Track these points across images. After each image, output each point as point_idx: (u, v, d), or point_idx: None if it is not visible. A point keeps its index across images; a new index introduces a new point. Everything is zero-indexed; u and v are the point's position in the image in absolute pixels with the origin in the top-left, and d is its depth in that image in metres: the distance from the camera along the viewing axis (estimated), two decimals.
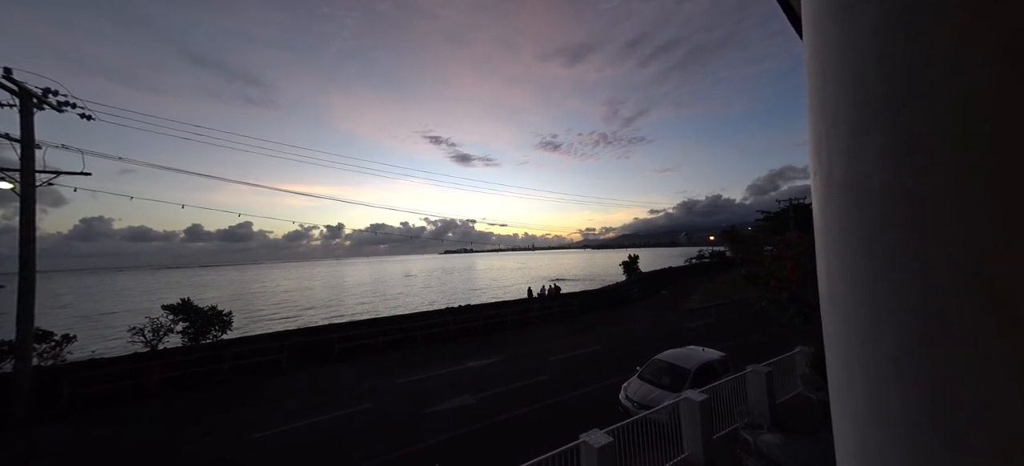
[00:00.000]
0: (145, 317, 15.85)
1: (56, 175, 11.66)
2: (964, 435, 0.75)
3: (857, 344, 0.92)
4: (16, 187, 10.78)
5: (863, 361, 0.90)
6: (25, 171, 10.79)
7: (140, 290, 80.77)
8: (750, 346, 14.25)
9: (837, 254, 0.96)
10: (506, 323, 21.40)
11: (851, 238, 0.92)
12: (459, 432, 8.61)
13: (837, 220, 0.95)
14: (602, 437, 4.99)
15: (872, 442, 0.87)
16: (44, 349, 13.29)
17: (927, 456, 0.79)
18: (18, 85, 10.46)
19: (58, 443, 9.36)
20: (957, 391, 0.76)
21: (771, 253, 8.56)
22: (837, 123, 0.93)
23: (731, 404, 7.05)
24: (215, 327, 16.81)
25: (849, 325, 0.93)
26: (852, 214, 0.91)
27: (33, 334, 11.26)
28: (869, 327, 0.89)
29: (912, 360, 0.82)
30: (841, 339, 0.97)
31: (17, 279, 10.88)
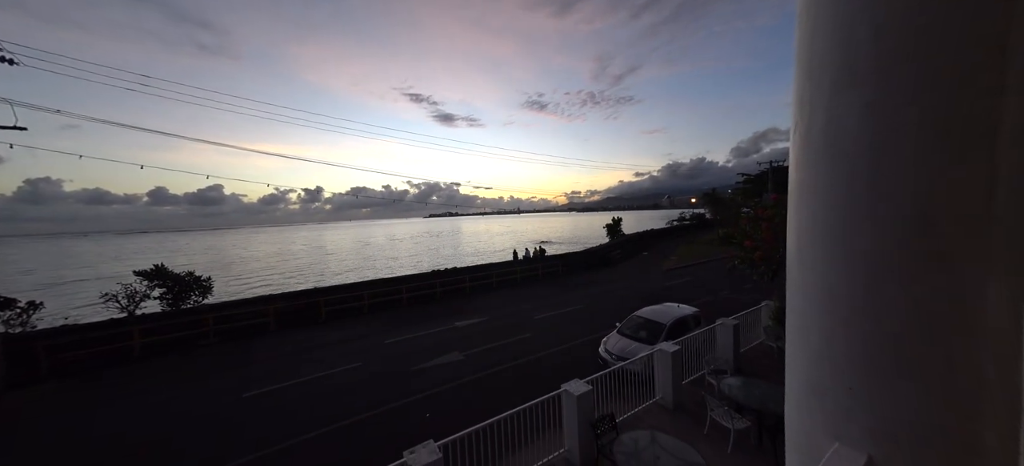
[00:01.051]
0: (117, 283, 15.31)
1: None
2: (901, 369, 0.84)
3: (816, 293, 0.98)
4: None
5: (819, 308, 0.98)
6: None
7: (108, 256, 77.24)
8: (722, 302, 15.19)
9: (807, 208, 1.00)
10: (491, 285, 21.87)
11: (822, 192, 0.95)
12: (448, 386, 9.04)
13: (811, 175, 0.98)
14: (582, 385, 5.36)
15: (819, 381, 0.97)
16: (9, 316, 12.80)
17: (866, 391, 0.89)
18: None
19: (44, 401, 9.34)
20: (899, 329, 0.84)
21: (748, 214, 8.89)
22: (821, 77, 0.93)
23: (701, 353, 7.63)
24: (195, 292, 16.47)
25: (811, 275, 1.00)
26: (826, 168, 0.94)
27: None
28: (828, 276, 0.95)
29: (862, 305, 0.89)
30: (802, 289, 1.03)
31: None
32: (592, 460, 5.10)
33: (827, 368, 0.96)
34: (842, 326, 0.93)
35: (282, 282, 37.42)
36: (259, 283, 36.68)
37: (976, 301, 0.79)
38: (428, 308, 17.75)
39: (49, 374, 11.14)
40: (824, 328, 0.97)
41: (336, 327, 15.18)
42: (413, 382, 9.37)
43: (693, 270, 25.03)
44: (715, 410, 5.50)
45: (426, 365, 10.45)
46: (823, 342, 0.97)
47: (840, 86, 0.88)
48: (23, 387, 10.48)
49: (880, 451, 0.88)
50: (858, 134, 0.86)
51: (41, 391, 10.29)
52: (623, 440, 4.53)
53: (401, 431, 7.21)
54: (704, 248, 34.57)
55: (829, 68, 0.90)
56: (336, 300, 17.07)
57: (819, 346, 0.98)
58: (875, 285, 0.86)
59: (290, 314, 15.87)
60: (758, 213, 7.57)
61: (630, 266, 28.61)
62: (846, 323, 0.92)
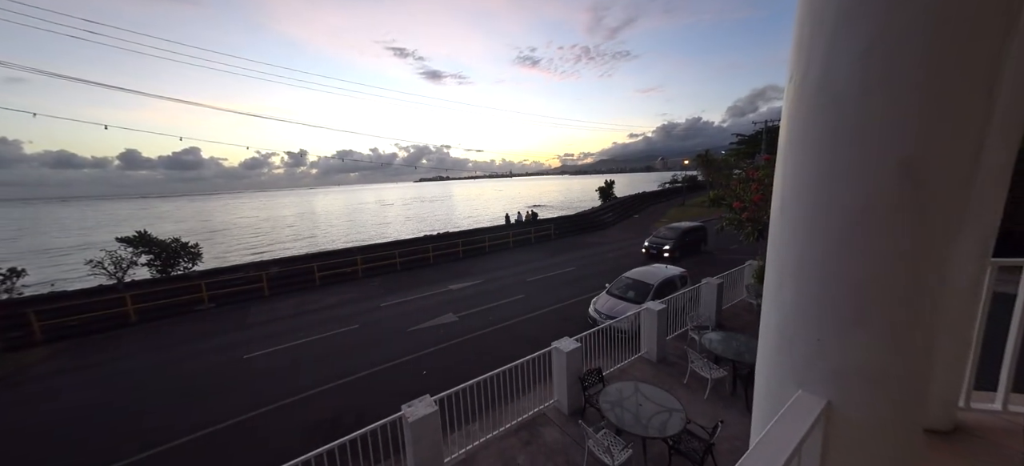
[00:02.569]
0: (101, 250, 15.00)
1: None
2: (861, 319, 0.88)
3: (793, 247, 1.00)
4: None
5: (795, 262, 1.00)
6: None
7: (87, 223, 74.96)
8: (709, 262, 15.67)
9: (794, 159, 0.99)
10: (484, 249, 22.06)
11: (810, 145, 0.93)
12: (443, 345, 9.38)
13: (800, 127, 0.96)
14: (571, 343, 5.61)
15: (789, 332, 1.02)
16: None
17: (829, 341, 0.94)
18: None
19: (41, 365, 9.50)
20: (863, 280, 0.88)
21: (739, 176, 8.91)
22: (821, 23, 0.87)
23: (686, 311, 7.99)
24: (183, 259, 16.29)
25: (790, 230, 1.01)
26: (816, 120, 0.91)
27: None
28: (807, 230, 0.96)
29: (835, 257, 0.91)
30: (781, 244, 1.05)
31: None
32: (580, 409, 5.47)
33: (797, 320, 1.00)
34: (814, 279, 0.96)
35: (274, 248, 37.15)
36: (248, 250, 36.35)
37: (942, 256, 0.80)
38: (422, 272, 17.96)
39: (45, 338, 11.19)
40: (798, 281, 1.00)
41: (331, 292, 15.35)
42: (409, 342, 9.69)
43: None
44: (695, 362, 5.86)
45: (421, 326, 10.76)
46: (795, 295, 1.00)
47: (839, 31, 0.84)
48: (20, 350, 10.58)
49: (838, 396, 0.94)
50: (852, 82, 0.83)
51: (38, 353, 10.41)
52: (608, 390, 4.84)
53: (399, 388, 7.57)
54: (695, 210, 34.99)
55: (829, 13, 0.85)
56: (330, 265, 17.11)
57: (792, 298, 1.01)
58: (849, 238, 0.87)
59: (284, 279, 15.92)
60: (749, 174, 7.59)
61: (621, 229, 28.97)
62: (818, 276, 0.95)
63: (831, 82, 0.86)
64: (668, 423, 4.14)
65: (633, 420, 4.24)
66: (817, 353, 0.96)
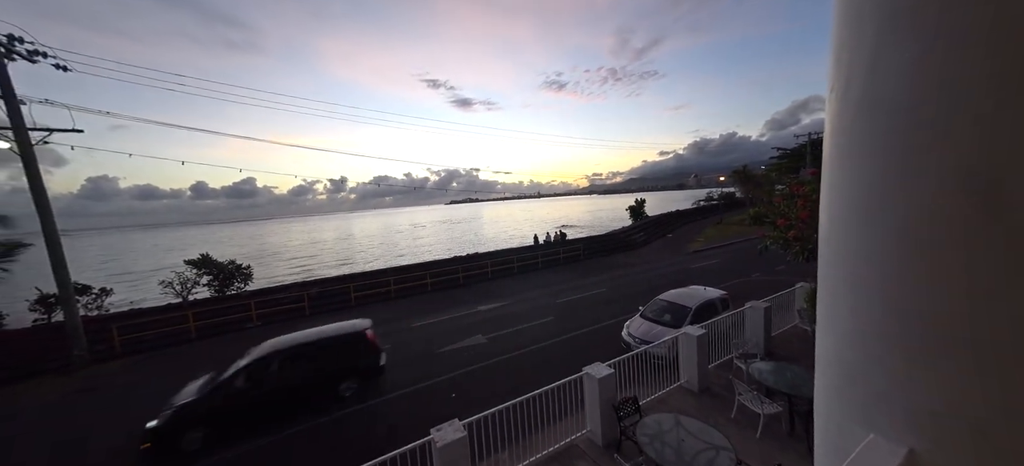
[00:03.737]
0: (172, 272, 16.71)
1: (49, 133, 11.57)
2: (948, 351, 0.76)
3: (848, 267, 0.91)
4: (13, 146, 10.77)
5: (852, 284, 0.91)
6: (17, 128, 10.69)
7: (161, 248, 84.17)
8: (752, 285, 14.58)
9: (843, 176, 0.92)
10: (513, 269, 22.06)
11: (859, 157, 0.87)
12: (472, 368, 9.33)
13: (848, 139, 0.90)
14: (603, 369, 5.37)
15: (851, 364, 0.91)
16: (87, 301, 14.36)
17: (906, 376, 0.82)
18: None
19: (121, 377, 10.61)
20: (944, 306, 0.76)
21: (782, 191, 8.36)
22: (864, 29, 0.83)
23: (729, 337, 7.42)
24: (237, 279, 17.72)
25: (843, 249, 0.92)
26: (864, 132, 0.86)
27: (73, 285, 12.11)
28: (862, 249, 0.88)
29: (899, 279, 0.82)
30: (834, 264, 0.96)
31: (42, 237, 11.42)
32: (615, 441, 5.16)
33: (859, 350, 0.89)
34: (877, 303, 0.85)
35: (316, 267, 39.49)
36: (293, 269, 38.89)
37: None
38: (452, 293, 18.21)
39: (122, 351, 12.49)
40: (856, 306, 0.89)
41: (366, 311, 15.89)
42: (439, 364, 9.74)
43: (721, 251, 24.07)
44: (743, 394, 5.37)
45: (451, 348, 10.81)
46: (855, 321, 0.90)
47: (885, 37, 0.78)
48: (102, 362, 11.88)
49: (924, 443, 0.79)
50: (904, 90, 0.77)
51: (118, 366, 11.64)
52: (646, 422, 4.54)
53: (428, 410, 7.56)
54: (734, 229, 33.02)
55: (873, 18, 0.81)
56: (365, 285, 17.86)
57: (850, 325, 0.91)
58: (916, 257, 0.77)
59: (324, 299, 16.79)
60: (793, 189, 7.09)
61: (654, 249, 27.89)
62: (881, 301, 0.84)
63: (879, 91, 0.81)
64: (715, 462, 3.80)
65: (675, 457, 3.93)
66: (891, 390, 0.83)
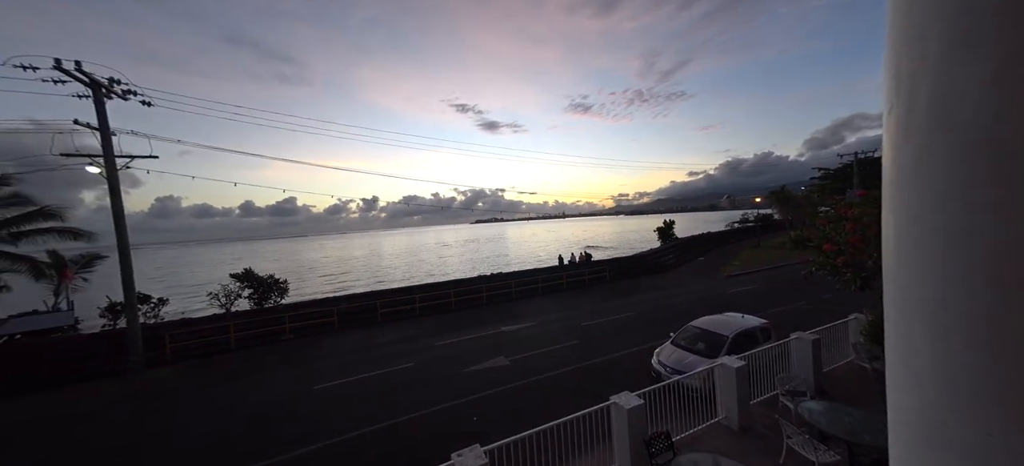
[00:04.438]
0: (218, 284, 17.96)
1: (132, 159, 13.11)
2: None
3: (924, 306, 0.81)
4: (103, 171, 12.26)
5: (930, 325, 0.81)
6: (107, 156, 12.21)
7: (211, 261, 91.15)
8: (796, 313, 13.47)
9: (909, 204, 0.84)
10: (537, 290, 21.79)
11: (929, 184, 0.79)
12: (494, 390, 9.14)
13: (913, 163, 0.82)
14: (633, 399, 5.08)
15: (937, 420, 0.79)
16: (146, 309, 15.68)
17: (995, 434, 0.70)
18: (88, 76, 11.57)
19: (169, 382, 11.43)
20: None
21: (827, 214, 7.79)
22: (925, 41, 0.77)
23: (772, 371, 6.82)
24: (275, 293, 18.71)
25: (917, 281, 0.83)
26: (933, 155, 0.78)
27: (136, 295, 13.30)
28: (940, 287, 0.78)
29: (989, 324, 0.72)
30: (905, 299, 0.86)
31: (117, 251, 12.75)
32: None
33: (947, 402, 0.77)
34: (967, 345, 0.73)
35: (347, 282, 41.05)
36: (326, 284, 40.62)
37: None
38: (475, 312, 18.20)
39: (172, 358, 13.43)
40: (941, 345, 0.78)
41: (391, 328, 16.21)
42: (461, 384, 9.64)
43: (760, 277, 22.58)
44: (793, 437, 4.85)
45: (474, 368, 10.69)
46: (939, 368, 0.78)
47: (952, 58, 0.72)
48: (154, 367, 12.82)
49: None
50: (976, 111, 0.70)
51: (167, 371, 12.51)
52: (681, 462, 4.20)
53: (449, 432, 7.44)
54: (773, 252, 31.01)
55: (936, 34, 0.75)
56: (391, 302, 18.26)
57: (933, 373, 0.79)
58: (1015, 299, 0.67)
59: (352, 315, 17.30)
60: (840, 212, 6.57)
61: (685, 272, 26.65)
62: (973, 339, 0.72)
63: (948, 112, 0.74)
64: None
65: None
66: (990, 449, 0.70)
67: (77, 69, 11.31)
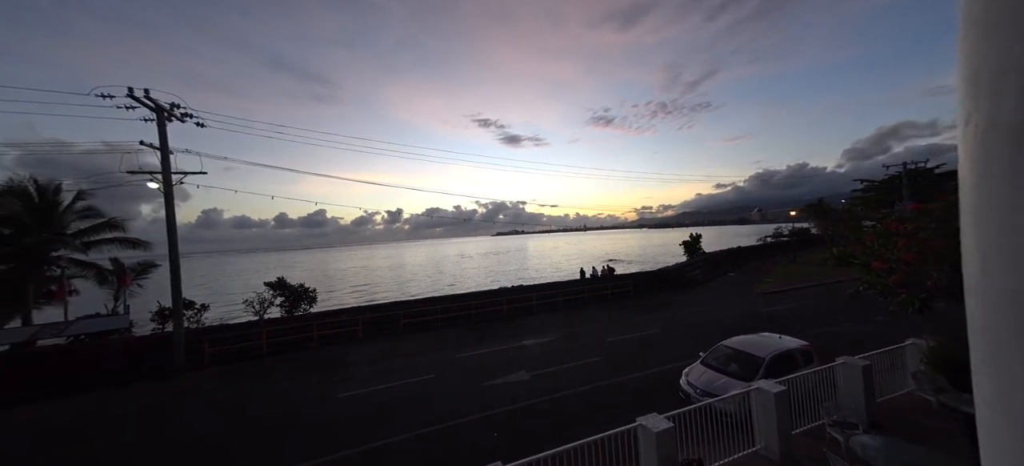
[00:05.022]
0: (253, 292, 18.95)
1: (185, 175, 14.25)
2: None
3: (1021, 340, 0.72)
4: (161, 187, 13.41)
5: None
6: (164, 173, 13.36)
7: (248, 270, 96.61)
8: (841, 336, 12.44)
9: (995, 223, 0.75)
10: (558, 304, 21.44)
11: (1020, 201, 0.71)
12: (515, 406, 8.97)
13: (999, 178, 0.74)
14: (661, 421, 4.81)
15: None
16: (190, 315, 16.75)
17: None
18: (153, 102, 12.81)
19: (207, 385, 12.08)
20: None
21: (874, 229, 7.22)
22: (1010, 42, 0.70)
23: (816, 399, 6.28)
24: (304, 302, 19.47)
25: (1011, 316, 0.73)
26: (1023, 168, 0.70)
27: (182, 302, 14.25)
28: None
29: None
30: (998, 333, 0.76)
31: (168, 259, 13.81)
32: None
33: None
34: None
35: (374, 291, 42.18)
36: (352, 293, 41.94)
37: None
38: (496, 325, 18.10)
39: (210, 362, 14.18)
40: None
41: (413, 339, 16.39)
42: (482, 398, 9.53)
43: (797, 295, 21.15)
44: None
45: (494, 382, 10.57)
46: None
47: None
48: (194, 370, 13.57)
49: None
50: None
51: (206, 375, 13.21)
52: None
53: (470, 446, 7.34)
54: (811, 269, 29.07)
55: (1019, 51, 0.68)
56: (413, 313, 18.52)
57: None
58: None
59: (375, 325, 17.66)
60: (891, 227, 6.06)
61: (714, 288, 25.43)
62: None
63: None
64: None
65: None
66: None
67: (145, 96, 12.56)
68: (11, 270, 14.27)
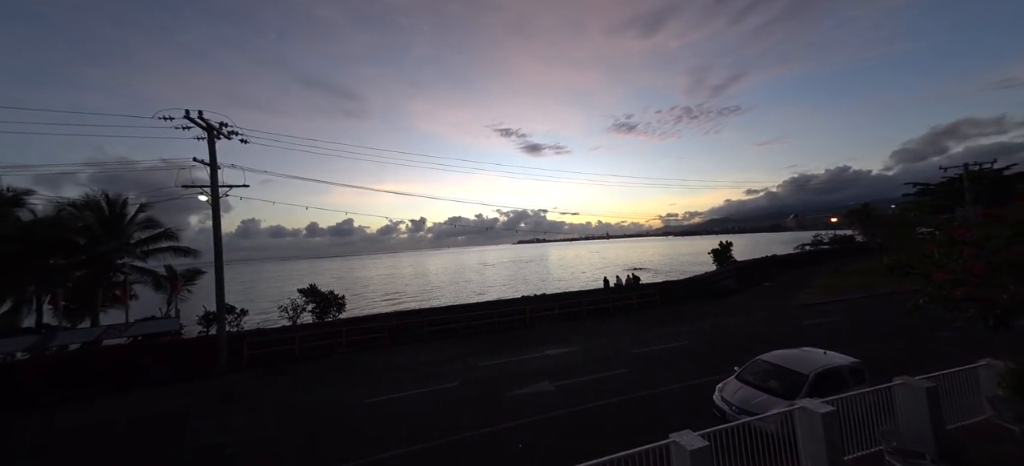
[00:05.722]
0: (287, 298, 19.91)
1: (230, 188, 15.31)
2: None
3: None
4: (209, 199, 14.49)
5: None
6: (213, 186, 14.42)
7: (281, 277, 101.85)
8: (897, 354, 11.36)
9: None
10: (581, 313, 21.03)
11: None
12: (539, 417, 8.80)
13: None
14: (696, 439, 4.54)
15: None
16: (231, 319, 17.84)
17: None
18: (205, 122, 13.91)
19: (247, 385, 12.82)
20: None
21: (932, 236, 6.59)
22: None
23: (870, 423, 5.73)
24: (333, 308, 20.22)
25: None
26: None
27: (224, 308, 15.21)
28: None
29: None
30: None
31: (214, 267, 14.85)
32: None
33: None
34: None
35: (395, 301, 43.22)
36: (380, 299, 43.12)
37: None
38: (518, 334, 17.97)
39: (248, 364, 14.96)
40: None
41: (436, 346, 16.56)
42: (505, 408, 9.43)
43: (842, 307, 19.64)
44: None
45: (517, 392, 10.44)
46: None
47: None
48: (235, 372, 14.36)
49: None
50: None
51: (245, 376, 13.95)
52: None
53: (494, 457, 7.25)
54: (857, 279, 26.95)
55: None
56: (437, 321, 18.73)
57: None
58: None
59: (401, 331, 18.01)
60: (955, 234, 5.50)
61: (746, 299, 24.09)
62: None
63: None
64: None
65: None
66: None
67: (199, 117, 13.71)
68: (85, 276, 15.87)
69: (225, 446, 8.65)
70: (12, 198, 15.44)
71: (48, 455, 8.72)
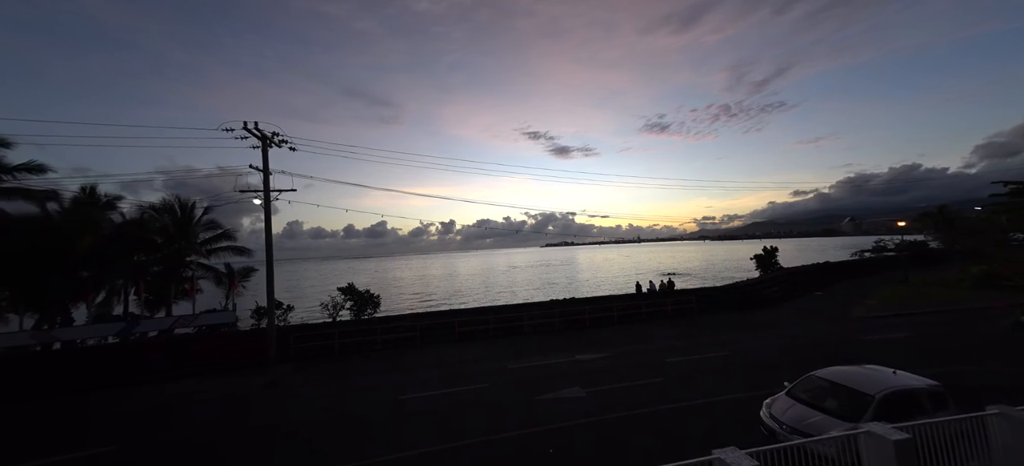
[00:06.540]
0: (327, 296, 21.11)
1: (280, 193, 16.55)
2: None
3: None
4: (261, 202, 15.75)
5: None
6: (264, 191, 15.65)
7: (322, 275, 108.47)
8: (990, 378, 9.92)
9: None
10: (612, 319, 20.45)
11: None
12: (571, 423, 8.63)
13: None
14: (742, 457, 4.22)
15: None
16: (279, 314, 19.22)
17: None
18: (260, 132, 15.14)
19: (293, 376, 13.83)
20: None
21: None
22: None
23: (954, 454, 5.03)
24: (369, 306, 21.14)
25: None
26: None
27: (274, 303, 16.47)
28: None
29: None
30: None
31: (265, 265, 16.12)
32: None
33: None
34: None
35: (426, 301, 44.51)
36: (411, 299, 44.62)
37: None
38: (548, 337, 17.82)
39: (293, 356, 16.04)
40: None
41: (467, 347, 16.80)
42: (535, 412, 9.35)
43: (911, 322, 17.56)
44: None
45: (548, 396, 10.32)
46: None
47: None
48: (281, 363, 15.47)
49: None
50: None
51: (292, 367, 14.98)
52: None
53: (526, 460, 7.20)
54: (931, 291, 24.02)
55: None
56: (467, 322, 19.00)
57: None
58: None
59: (432, 331, 18.47)
60: None
61: (795, 308, 22.27)
62: None
63: None
64: None
65: None
66: None
67: (255, 128, 14.97)
68: (161, 271, 18.02)
69: (279, 425, 9.37)
70: (107, 203, 18.02)
71: (174, 413, 10.57)
